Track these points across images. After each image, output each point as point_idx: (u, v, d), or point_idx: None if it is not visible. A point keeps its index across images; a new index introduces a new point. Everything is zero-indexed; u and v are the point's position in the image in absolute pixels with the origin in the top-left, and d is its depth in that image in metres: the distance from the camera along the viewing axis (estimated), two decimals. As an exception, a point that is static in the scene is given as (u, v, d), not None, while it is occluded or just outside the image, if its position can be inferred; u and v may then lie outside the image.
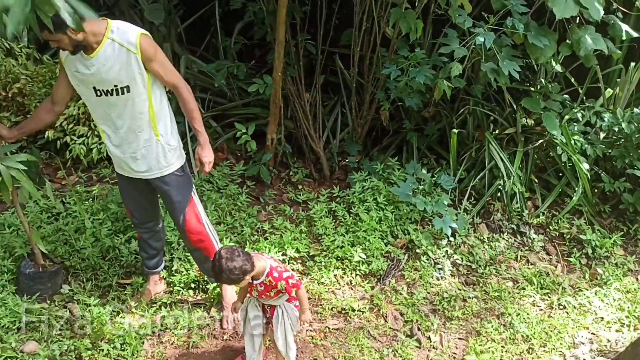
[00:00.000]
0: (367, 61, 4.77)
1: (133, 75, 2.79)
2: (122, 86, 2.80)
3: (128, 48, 2.75)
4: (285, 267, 2.99)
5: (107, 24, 2.75)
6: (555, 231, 4.49)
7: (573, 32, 4.09)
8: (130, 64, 2.77)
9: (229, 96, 5.24)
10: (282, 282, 2.76)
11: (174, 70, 2.97)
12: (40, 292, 3.37)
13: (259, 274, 2.76)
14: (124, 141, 2.97)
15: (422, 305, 3.75)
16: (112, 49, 2.74)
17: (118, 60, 2.75)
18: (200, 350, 3.26)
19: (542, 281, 4.05)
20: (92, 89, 2.83)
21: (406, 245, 4.19)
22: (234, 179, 4.64)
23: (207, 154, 3.06)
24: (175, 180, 3.10)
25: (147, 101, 2.89)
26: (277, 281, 2.75)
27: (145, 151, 2.98)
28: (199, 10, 5.51)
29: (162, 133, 2.99)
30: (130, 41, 2.75)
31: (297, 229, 4.18)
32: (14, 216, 3.82)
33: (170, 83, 2.94)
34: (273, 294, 2.80)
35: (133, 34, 2.76)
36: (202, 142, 3.04)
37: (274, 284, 2.76)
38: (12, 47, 4.59)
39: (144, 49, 2.76)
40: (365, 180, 4.53)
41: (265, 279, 2.76)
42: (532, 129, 4.77)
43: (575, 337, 3.63)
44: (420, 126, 5.06)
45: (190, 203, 3.17)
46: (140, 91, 2.85)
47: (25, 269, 3.34)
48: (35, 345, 3.11)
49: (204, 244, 3.26)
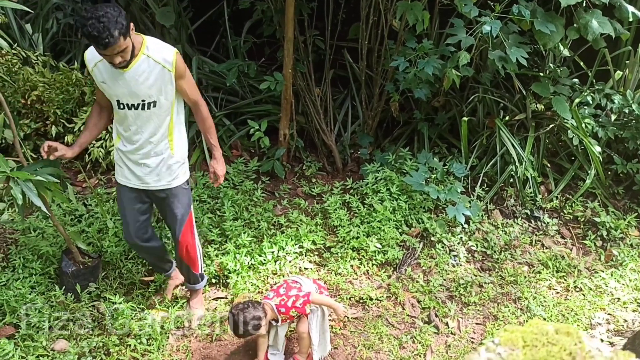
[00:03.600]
0: (376, 54, 4.83)
1: (164, 91, 2.86)
2: (150, 101, 2.86)
3: (164, 65, 2.81)
4: (288, 285, 3.11)
5: (142, 39, 2.80)
6: (569, 215, 4.52)
7: (580, 16, 4.10)
8: (163, 81, 2.84)
9: (241, 94, 5.33)
10: (293, 311, 2.99)
11: (197, 88, 3.07)
12: (85, 288, 3.50)
13: (275, 316, 3.00)
14: (138, 150, 3.00)
15: (439, 292, 3.82)
16: (147, 65, 2.79)
17: (151, 76, 2.81)
18: (223, 343, 3.35)
19: (557, 264, 4.09)
20: (116, 102, 2.89)
21: (421, 234, 4.24)
22: (249, 175, 4.73)
23: (222, 167, 3.20)
24: (181, 193, 3.16)
25: (169, 116, 2.96)
26: (288, 313, 2.99)
27: (158, 162, 3.03)
28: (208, 11, 5.58)
29: (177, 147, 3.06)
30: (167, 59, 2.81)
31: (312, 221, 4.26)
32: (38, 220, 3.94)
33: (193, 100, 3.03)
34: (294, 315, 3.06)
35: (170, 52, 2.82)
36: (218, 156, 3.18)
37: (289, 315, 3.01)
38: (28, 55, 4.69)
39: (178, 67, 2.84)
40: (378, 171, 4.59)
41: (281, 317, 3.02)
42: (542, 113, 4.79)
43: (592, 318, 3.67)
44: (431, 116, 5.10)
45: (189, 217, 3.25)
46: (165, 106, 2.92)
47: (66, 268, 3.45)
48: (65, 343, 3.21)
49: (191, 259, 3.34)
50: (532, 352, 1.17)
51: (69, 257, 3.51)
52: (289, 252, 3.94)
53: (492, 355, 1.20)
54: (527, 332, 1.21)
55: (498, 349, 1.21)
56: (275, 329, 3.13)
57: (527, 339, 1.19)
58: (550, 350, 1.15)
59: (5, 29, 4.94)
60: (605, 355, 1.18)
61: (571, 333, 1.17)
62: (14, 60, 4.55)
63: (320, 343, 3.16)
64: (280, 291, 3.05)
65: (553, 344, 1.17)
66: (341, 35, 5.09)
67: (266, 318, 2.94)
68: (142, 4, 5.24)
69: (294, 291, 3.02)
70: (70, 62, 5.15)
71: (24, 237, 3.78)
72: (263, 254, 3.88)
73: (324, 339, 3.19)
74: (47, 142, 2.95)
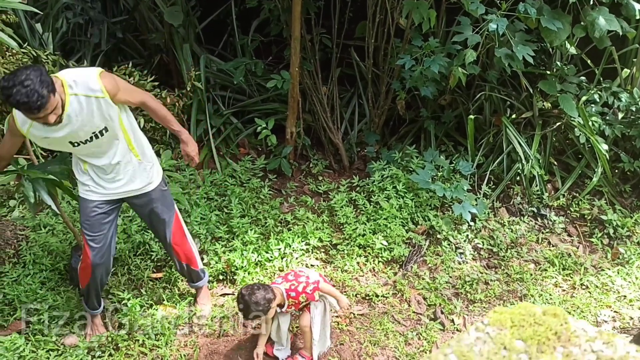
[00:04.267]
0: (382, 52, 4.84)
1: (107, 116, 2.73)
2: (99, 130, 2.74)
3: (95, 96, 2.64)
4: (296, 273, 3.14)
5: (60, 81, 2.59)
6: (576, 212, 4.52)
7: (586, 14, 4.10)
8: (101, 109, 2.68)
9: (248, 93, 5.36)
10: (302, 296, 3.01)
11: (135, 89, 2.96)
12: None
13: (283, 300, 3.01)
14: (105, 168, 2.91)
15: (445, 289, 3.83)
16: (79, 103, 2.63)
17: (88, 111, 2.66)
18: (230, 339, 3.39)
19: (564, 262, 4.09)
20: (69, 143, 2.75)
21: (427, 232, 4.26)
22: (256, 172, 4.76)
23: (192, 147, 3.07)
24: (161, 196, 3.09)
25: (121, 129, 2.84)
26: (297, 298, 3.01)
27: (127, 171, 2.94)
28: (215, 10, 5.62)
29: (140, 153, 2.97)
30: (93, 88, 2.64)
31: (319, 219, 4.29)
32: (48, 217, 3.99)
33: (138, 102, 2.90)
34: (304, 305, 3.09)
35: (93, 80, 2.64)
36: (185, 138, 3.05)
37: (297, 301, 3.02)
38: (39, 54, 4.74)
39: (108, 88, 2.66)
40: (384, 169, 4.61)
41: (288, 302, 3.03)
42: (549, 112, 4.79)
43: (598, 315, 3.68)
44: (437, 114, 5.11)
45: (175, 217, 3.22)
46: (115, 125, 2.80)
47: (76, 264, 3.49)
48: (75, 338, 3.27)
49: (188, 257, 3.34)
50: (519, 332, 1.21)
51: (78, 253, 3.55)
52: (295, 249, 3.97)
53: (481, 335, 1.25)
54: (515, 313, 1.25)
55: (487, 329, 1.25)
56: (277, 321, 3.14)
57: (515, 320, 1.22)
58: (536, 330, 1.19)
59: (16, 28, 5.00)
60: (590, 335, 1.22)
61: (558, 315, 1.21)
62: (24, 59, 4.60)
63: (321, 338, 3.18)
64: (289, 277, 3.08)
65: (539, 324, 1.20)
66: (348, 34, 5.11)
67: (275, 301, 2.94)
68: (150, 3, 5.29)
69: (303, 279, 3.05)
70: (80, 61, 5.20)
71: (34, 234, 3.84)
72: (270, 251, 3.91)
73: (324, 334, 3.22)
74: None
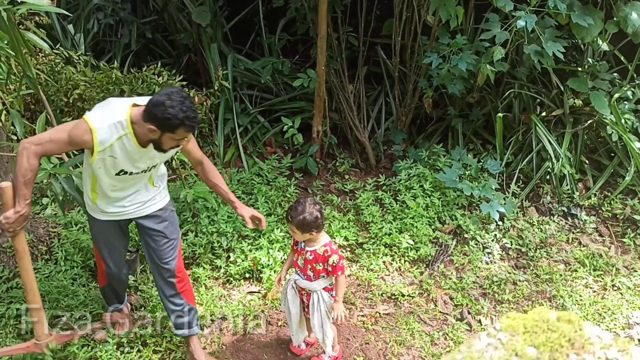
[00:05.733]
0: (409, 50, 4.81)
1: (167, 156, 2.75)
2: (152, 166, 2.75)
3: None
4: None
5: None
6: (607, 212, 4.43)
7: (619, 9, 4.01)
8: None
9: (275, 91, 5.39)
10: (335, 256, 2.86)
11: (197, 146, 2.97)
12: None
13: (317, 241, 2.88)
14: (121, 197, 2.84)
15: (472, 289, 3.79)
16: None
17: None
18: (255, 337, 3.41)
19: (595, 263, 4.01)
20: (121, 170, 2.67)
21: (454, 231, 4.22)
22: (282, 171, 4.78)
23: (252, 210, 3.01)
24: (171, 216, 3.00)
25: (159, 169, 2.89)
26: (332, 253, 2.86)
27: (140, 197, 2.88)
28: (243, 10, 5.66)
29: (157, 181, 2.92)
30: None
31: (345, 217, 4.28)
32: (80, 214, 4.07)
33: (198, 157, 2.93)
34: (320, 268, 2.90)
35: None
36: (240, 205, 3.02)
37: (329, 254, 2.86)
38: (70, 55, 4.84)
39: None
40: (411, 167, 4.58)
41: (320, 248, 2.87)
42: (580, 109, 4.70)
43: (629, 317, 3.59)
44: (465, 112, 5.06)
45: (179, 243, 3.07)
46: (162, 165, 2.86)
47: None
48: (105, 334, 3.32)
49: (185, 287, 3.08)
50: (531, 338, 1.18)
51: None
52: (321, 248, 3.97)
53: (493, 340, 1.22)
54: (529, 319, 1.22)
55: (499, 335, 1.23)
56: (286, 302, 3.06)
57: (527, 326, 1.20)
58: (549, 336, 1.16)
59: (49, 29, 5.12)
60: (605, 342, 1.18)
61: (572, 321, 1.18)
62: (57, 60, 4.71)
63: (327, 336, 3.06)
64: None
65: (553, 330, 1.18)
66: (375, 32, 5.10)
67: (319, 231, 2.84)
68: (179, 3, 5.35)
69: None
70: (110, 62, 5.29)
71: (65, 231, 3.92)
72: (296, 250, 3.92)
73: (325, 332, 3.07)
74: None
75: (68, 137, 2.55)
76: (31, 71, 2.82)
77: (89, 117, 2.54)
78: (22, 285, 2.76)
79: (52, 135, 2.56)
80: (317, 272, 2.92)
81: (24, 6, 2.65)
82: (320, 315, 3.00)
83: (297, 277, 3.00)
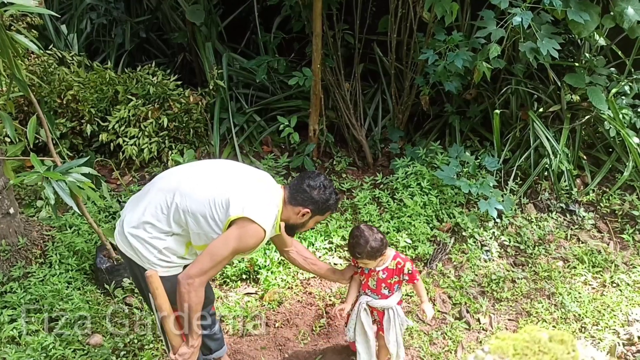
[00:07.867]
0: (405, 47, 4.78)
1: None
2: None
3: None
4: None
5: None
6: (606, 208, 4.40)
7: (615, 4, 3.97)
8: None
9: (271, 90, 5.35)
10: (408, 264, 2.84)
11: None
12: (119, 283, 3.58)
13: (385, 258, 2.84)
14: None
15: (470, 287, 3.77)
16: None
17: None
18: (253, 338, 3.39)
19: (593, 259, 3.99)
20: None
21: (452, 229, 4.20)
22: (279, 170, 4.75)
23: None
24: None
25: None
26: (404, 262, 2.84)
27: None
28: (237, 8, 5.62)
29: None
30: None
31: (342, 217, 4.26)
32: (74, 217, 4.04)
33: (290, 239, 2.94)
34: (394, 282, 2.86)
35: None
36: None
37: (402, 265, 2.83)
38: (64, 55, 4.81)
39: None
40: (408, 165, 4.55)
41: (391, 263, 2.84)
42: (578, 105, 4.66)
43: (629, 314, 3.57)
44: (462, 109, 5.03)
45: None
46: None
47: (101, 264, 3.55)
48: (100, 338, 3.30)
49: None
50: None
51: (103, 253, 3.60)
52: (318, 248, 3.95)
53: None
54: (519, 339, 1.17)
55: (487, 358, 1.17)
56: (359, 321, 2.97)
57: (517, 347, 1.15)
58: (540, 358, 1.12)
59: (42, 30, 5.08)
60: None
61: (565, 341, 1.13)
62: (50, 60, 4.67)
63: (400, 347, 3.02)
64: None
65: (544, 352, 1.13)
66: (370, 29, 5.06)
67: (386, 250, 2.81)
68: (172, 2, 5.31)
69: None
70: (104, 62, 5.26)
71: (60, 234, 3.89)
72: (293, 250, 3.89)
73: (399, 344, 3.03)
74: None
75: (233, 252, 2.40)
76: (20, 73, 2.78)
77: (255, 218, 2.39)
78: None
79: (215, 258, 2.38)
80: (392, 287, 2.90)
81: (11, 7, 2.60)
82: (396, 329, 2.96)
83: (368, 299, 2.94)
